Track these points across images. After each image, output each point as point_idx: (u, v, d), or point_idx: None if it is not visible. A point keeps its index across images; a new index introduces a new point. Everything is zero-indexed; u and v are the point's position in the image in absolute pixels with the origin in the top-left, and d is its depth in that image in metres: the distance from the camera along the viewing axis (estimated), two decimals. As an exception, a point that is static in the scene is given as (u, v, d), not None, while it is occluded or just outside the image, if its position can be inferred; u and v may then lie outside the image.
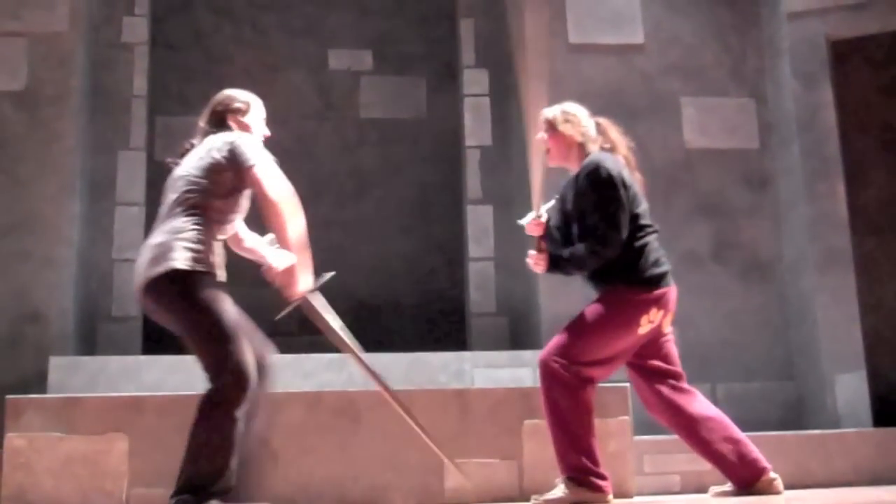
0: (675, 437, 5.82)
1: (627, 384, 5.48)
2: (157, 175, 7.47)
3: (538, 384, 5.78)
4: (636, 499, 5.16)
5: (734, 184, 7.10)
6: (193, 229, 3.86)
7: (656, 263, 4.35)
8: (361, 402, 4.77)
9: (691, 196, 7.03)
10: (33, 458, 4.97)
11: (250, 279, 7.62)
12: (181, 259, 3.78)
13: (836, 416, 6.40)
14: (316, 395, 5.13)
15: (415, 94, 8.13)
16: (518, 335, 7.15)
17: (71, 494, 4.96)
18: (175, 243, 3.81)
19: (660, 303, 4.33)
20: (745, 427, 6.35)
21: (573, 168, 4.43)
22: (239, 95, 4.19)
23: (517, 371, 6.10)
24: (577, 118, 4.47)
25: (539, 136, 4.51)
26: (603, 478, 4.24)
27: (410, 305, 7.63)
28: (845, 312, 6.58)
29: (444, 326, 7.55)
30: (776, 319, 6.91)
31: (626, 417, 5.29)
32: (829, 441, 5.80)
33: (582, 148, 4.42)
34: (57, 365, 5.97)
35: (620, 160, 4.41)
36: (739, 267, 6.98)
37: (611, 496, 4.25)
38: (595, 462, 4.23)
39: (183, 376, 5.94)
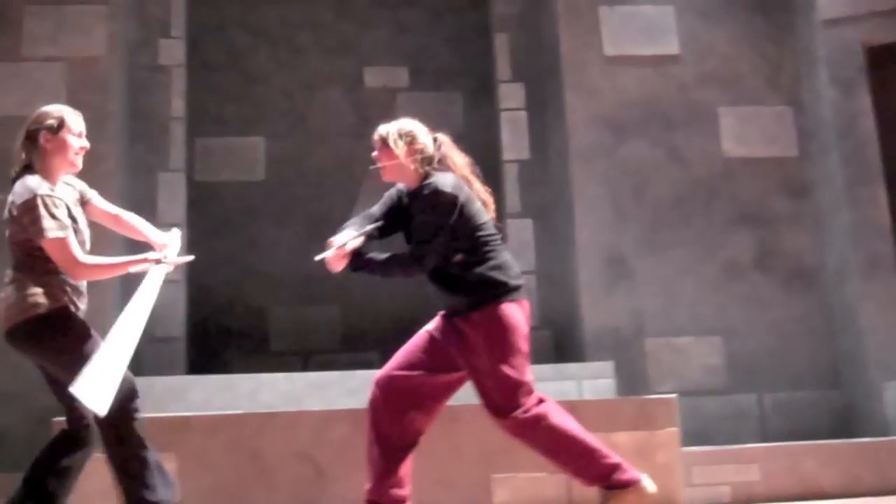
0: (726, 447, 5.83)
1: (674, 395, 5.46)
2: (198, 195, 7.61)
3: (582, 397, 5.79)
4: (686, 511, 5.14)
5: (774, 192, 7.05)
6: (22, 279, 3.85)
7: (518, 275, 4.30)
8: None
9: (731, 205, 6.99)
10: (83, 480, 4.97)
11: (295, 299, 7.70)
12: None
13: (886, 424, 6.32)
14: (361, 413, 5.11)
15: (451, 110, 8.13)
16: (561, 348, 7.13)
17: (121, 515, 4.97)
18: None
19: (528, 315, 4.29)
20: (794, 436, 6.35)
21: (410, 186, 4.38)
22: (52, 111, 3.98)
23: (562, 384, 6.07)
24: (414, 135, 4.38)
25: (373, 155, 4.44)
26: (624, 468, 4.17)
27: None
28: (891, 319, 6.52)
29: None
30: (821, 327, 6.85)
31: (674, 429, 5.26)
32: (880, 449, 5.75)
33: (418, 166, 4.36)
34: (103, 386, 5.99)
35: (459, 179, 4.33)
36: (782, 275, 6.93)
37: (643, 478, 4.16)
38: (606, 456, 4.16)
39: (229, 395, 5.97)
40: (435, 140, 4.41)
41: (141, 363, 6.77)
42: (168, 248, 4.11)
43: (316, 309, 7.70)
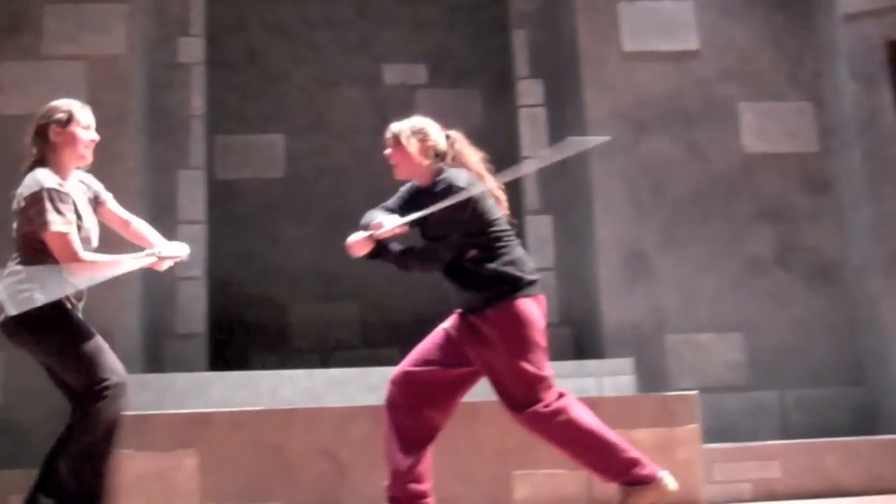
0: (747, 444, 5.80)
1: (695, 392, 5.44)
2: (218, 193, 7.63)
3: (602, 394, 5.78)
4: (707, 508, 5.12)
5: (795, 188, 7.02)
6: (22, 271, 3.90)
7: (533, 270, 4.31)
8: (428, 415, 4.75)
9: (752, 201, 6.96)
10: (105, 476, 5.01)
11: (315, 296, 7.72)
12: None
13: (908, 422, 6.30)
14: (382, 409, 5.12)
15: (470, 107, 8.13)
16: (581, 345, 7.12)
17: (143, 511, 5.00)
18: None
19: (544, 310, 4.30)
20: (816, 433, 6.32)
21: (424, 182, 4.38)
22: (60, 105, 4.04)
23: (582, 381, 6.06)
24: (426, 132, 4.40)
25: (386, 152, 4.45)
26: (644, 463, 4.16)
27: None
28: (914, 315, 6.48)
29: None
30: (843, 324, 6.82)
31: (694, 426, 5.25)
32: (903, 446, 5.72)
33: (431, 163, 4.37)
34: (125, 383, 6.02)
35: (472, 175, 4.33)
36: (804, 271, 6.90)
37: (664, 475, 4.16)
38: (625, 451, 4.16)
39: (250, 392, 5.99)
40: (447, 137, 4.43)
41: (162, 359, 6.84)
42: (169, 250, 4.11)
43: (336, 306, 7.72)
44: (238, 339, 7.49)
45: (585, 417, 4.18)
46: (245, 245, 7.70)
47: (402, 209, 4.40)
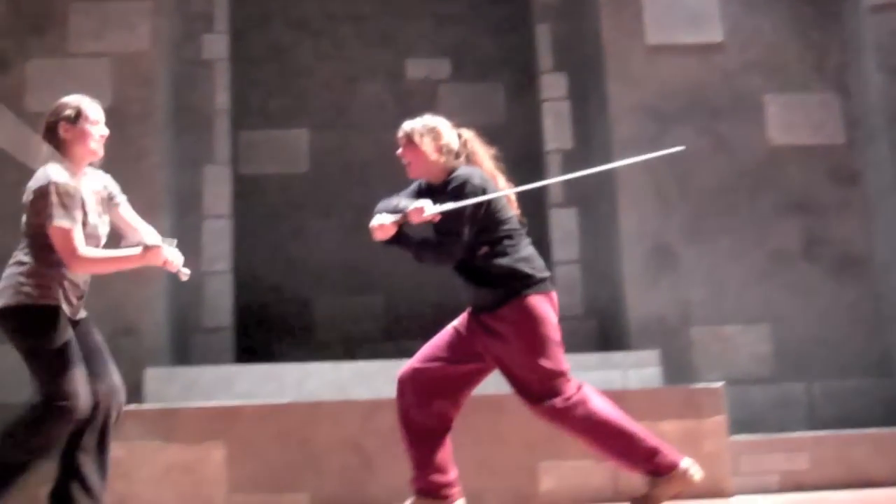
0: (774, 436, 5.79)
1: (721, 384, 5.43)
2: (243, 188, 7.67)
3: (627, 387, 5.78)
4: (734, 499, 5.10)
5: (821, 180, 6.98)
6: (27, 262, 3.92)
7: (543, 268, 4.31)
8: (453, 407, 4.76)
9: (778, 194, 6.93)
10: (133, 468, 5.07)
11: (340, 289, 7.75)
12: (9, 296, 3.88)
13: (937, 414, 6.26)
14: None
15: (493, 101, 8.14)
16: (606, 337, 7.11)
17: (171, 503, 5.04)
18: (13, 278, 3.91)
19: (556, 306, 4.31)
20: (843, 425, 6.29)
21: (437, 180, 4.37)
22: (69, 102, 4.03)
23: (607, 373, 6.06)
24: (439, 131, 4.39)
25: (398, 152, 4.45)
26: (665, 451, 4.15)
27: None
28: (942, 307, 6.44)
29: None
30: (870, 315, 6.78)
31: (721, 417, 5.24)
32: (932, 439, 5.68)
33: (444, 161, 4.36)
34: (153, 376, 6.07)
35: (485, 173, 4.33)
36: (831, 263, 6.86)
37: (689, 464, 4.16)
38: (646, 440, 4.15)
39: (276, 385, 6.02)
40: (459, 136, 4.43)
41: (190, 353, 6.89)
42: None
43: (360, 299, 7.74)
44: (264, 333, 7.52)
45: (605, 408, 4.18)
46: (270, 239, 7.74)
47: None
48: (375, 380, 6.03)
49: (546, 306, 4.22)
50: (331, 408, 5.28)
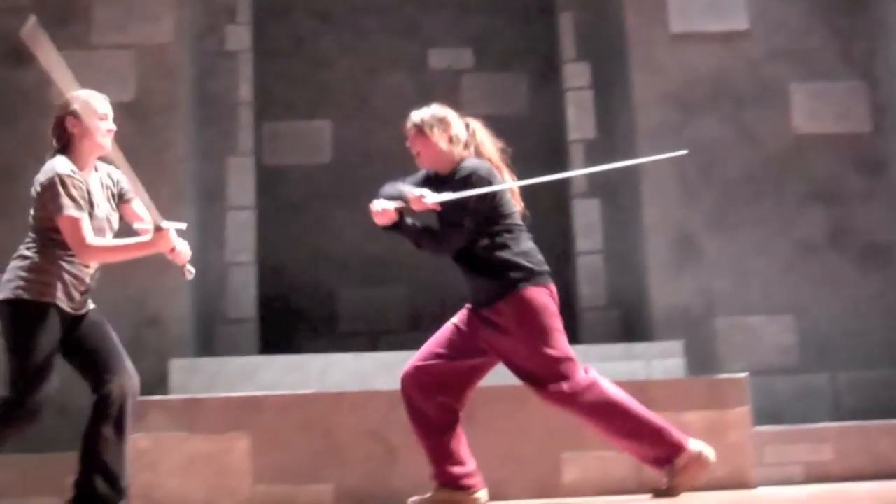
0: (798, 427, 5.76)
1: (745, 375, 5.41)
2: (267, 179, 7.69)
3: (651, 377, 5.77)
4: (757, 490, 5.09)
5: (848, 169, 6.93)
6: (30, 257, 3.96)
7: (542, 262, 4.31)
8: (476, 399, 4.76)
9: (804, 182, 6.88)
10: (158, 458, 5.11)
11: (363, 280, 7.77)
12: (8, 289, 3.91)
13: (964, 404, 6.21)
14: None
15: (516, 91, 8.11)
16: (630, 328, 7.09)
17: (196, 493, 5.09)
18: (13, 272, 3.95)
19: (556, 299, 4.29)
20: (868, 416, 6.25)
21: (444, 170, 4.37)
22: (77, 96, 4.03)
23: (630, 364, 6.05)
24: (448, 121, 4.38)
25: (407, 143, 4.44)
26: (673, 433, 4.15)
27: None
28: (970, 297, 6.38)
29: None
30: (896, 306, 6.73)
31: (745, 408, 5.22)
32: (959, 430, 5.64)
33: (453, 151, 4.35)
34: (178, 367, 6.11)
35: (491, 166, 4.32)
36: (856, 253, 6.81)
37: (695, 444, 4.15)
38: (652, 420, 4.16)
39: (300, 375, 6.04)
40: (467, 126, 4.43)
41: (214, 344, 6.93)
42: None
43: (384, 290, 7.75)
44: (287, 324, 7.54)
45: (613, 390, 4.20)
46: (294, 230, 7.76)
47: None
48: (399, 371, 5.98)
49: (545, 297, 4.23)
50: (354, 398, 5.30)
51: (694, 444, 4.16)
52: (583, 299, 7.25)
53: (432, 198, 4.21)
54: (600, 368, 6.03)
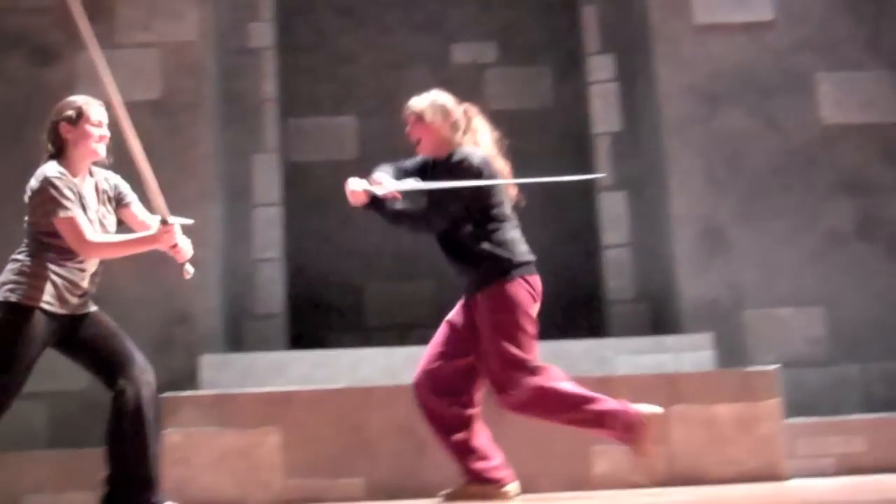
0: (830, 419, 5.74)
1: (776, 367, 5.39)
2: (293, 176, 7.71)
3: (681, 370, 5.74)
4: (790, 482, 5.07)
5: (876, 159, 6.88)
6: (21, 260, 3.97)
7: (525, 252, 4.30)
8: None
9: (831, 173, 6.84)
10: (190, 453, 5.14)
11: (390, 275, 7.78)
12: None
13: None
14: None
15: (540, 84, 8.09)
16: (658, 321, 7.07)
17: (228, 487, 5.12)
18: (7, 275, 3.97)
19: (536, 290, 4.28)
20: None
21: (440, 156, 4.38)
22: (72, 102, 4.08)
23: (659, 357, 6.04)
24: (448, 109, 4.40)
25: (407, 130, 4.44)
26: (638, 417, 4.13)
27: (545, 294, 7.57)
28: None
29: (579, 315, 7.50)
30: (928, 297, 6.69)
31: (776, 400, 5.21)
32: None
33: (452, 138, 4.36)
34: (208, 363, 6.13)
35: (486, 154, 4.34)
36: (886, 244, 6.77)
37: (644, 407, 4.16)
38: (604, 400, 4.17)
39: (329, 370, 6.06)
40: (465, 112, 4.44)
41: (243, 340, 6.96)
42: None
43: (411, 285, 7.75)
44: (316, 319, 7.57)
45: (564, 385, 4.18)
46: (321, 226, 7.77)
47: (415, 173, 4.45)
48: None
49: (522, 293, 4.21)
50: (383, 393, 5.31)
51: (644, 408, 4.16)
52: (610, 292, 7.23)
53: (388, 186, 4.28)
54: (630, 362, 6.08)
